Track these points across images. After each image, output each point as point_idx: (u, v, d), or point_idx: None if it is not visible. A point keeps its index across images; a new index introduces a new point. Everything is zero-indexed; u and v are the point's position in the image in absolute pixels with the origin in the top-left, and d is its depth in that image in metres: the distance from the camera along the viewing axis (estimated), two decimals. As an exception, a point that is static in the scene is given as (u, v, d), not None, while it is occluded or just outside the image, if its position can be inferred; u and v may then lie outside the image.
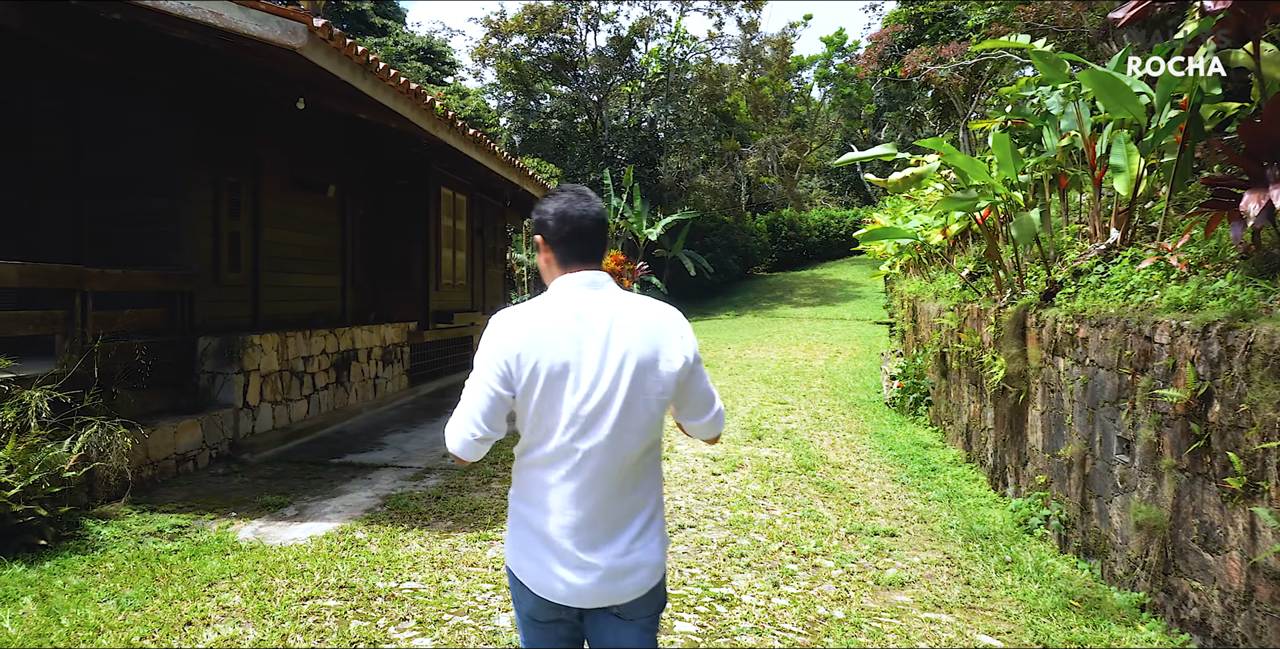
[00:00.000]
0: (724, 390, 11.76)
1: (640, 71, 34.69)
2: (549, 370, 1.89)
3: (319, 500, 5.77)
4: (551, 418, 1.91)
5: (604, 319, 1.95)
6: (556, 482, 1.94)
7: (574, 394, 1.90)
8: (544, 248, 2.06)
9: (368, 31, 34.58)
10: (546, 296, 2.00)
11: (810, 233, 36.42)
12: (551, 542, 1.95)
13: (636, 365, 1.93)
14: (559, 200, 2.06)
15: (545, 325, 1.93)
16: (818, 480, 6.63)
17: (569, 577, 1.93)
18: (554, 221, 2.03)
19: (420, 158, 10.95)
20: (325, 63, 5.31)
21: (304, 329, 8.41)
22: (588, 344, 1.92)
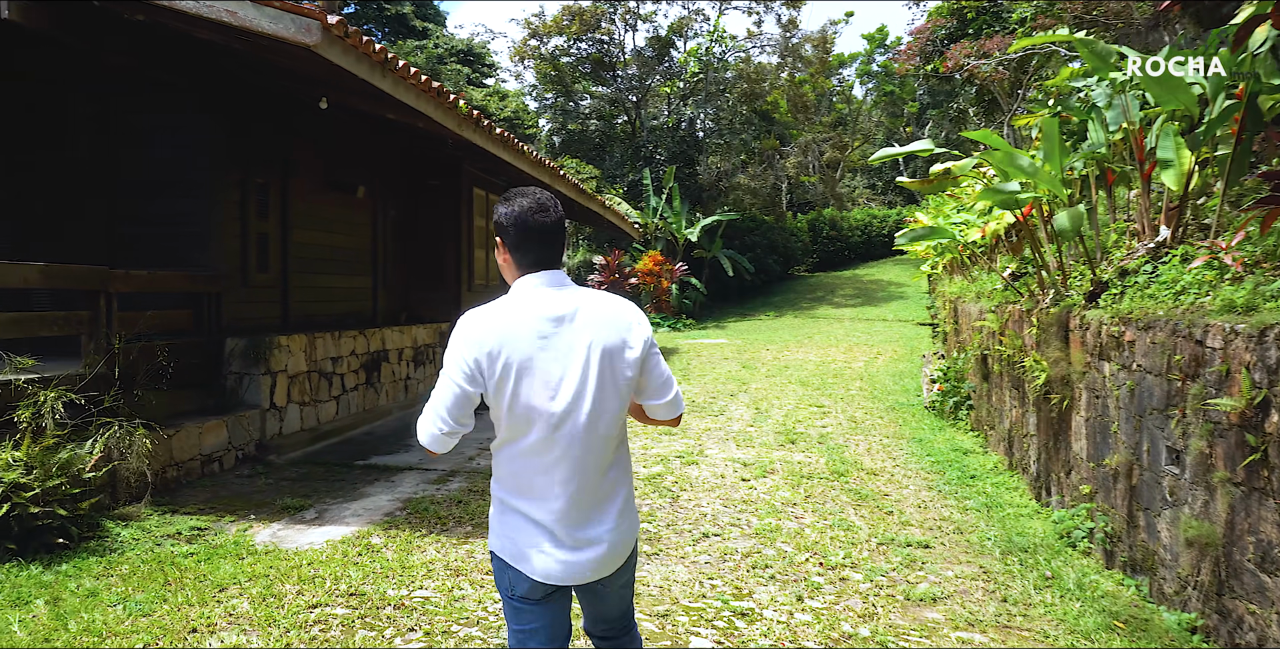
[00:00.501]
0: (759, 393, 11.55)
1: (679, 71, 34.51)
2: (520, 366, 1.99)
3: (339, 503, 5.71)
4: (529, 411, 2.01)
5: (569, 314, 2.05)
6: (542, 470, 2.05)
7: (549, 387, 2.01)
8: (503, 250, 2.15)
9: (408, 35, 34.89)
10: (512, 296, 2.09)
11: (852, 232, 35.92)
12: (544, 526, 2.06)
13: (604, 354, 2.05)
14: (515, 206, 2.12)
15: (513, 323, 2.01)
16: (851, 487, 6.41)
17: (563, 557, 2.05)
18: (513, 228, 2.11)
19: (452, 158, 10.92)
20: (342, 61, 5.24)
21: (334, 330, 8.40)
22: (556, 339, 2.02)
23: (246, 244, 7.43)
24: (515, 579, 2.10)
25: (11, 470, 4.53)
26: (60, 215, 7.31)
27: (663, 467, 7.01)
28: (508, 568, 2.11)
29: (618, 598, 2.28)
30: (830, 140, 36.69)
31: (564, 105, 36.46)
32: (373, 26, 36.32)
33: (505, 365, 1.98)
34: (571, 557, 2.06)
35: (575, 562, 2.07)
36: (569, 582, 2.09)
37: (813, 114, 38.58)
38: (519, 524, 2.08)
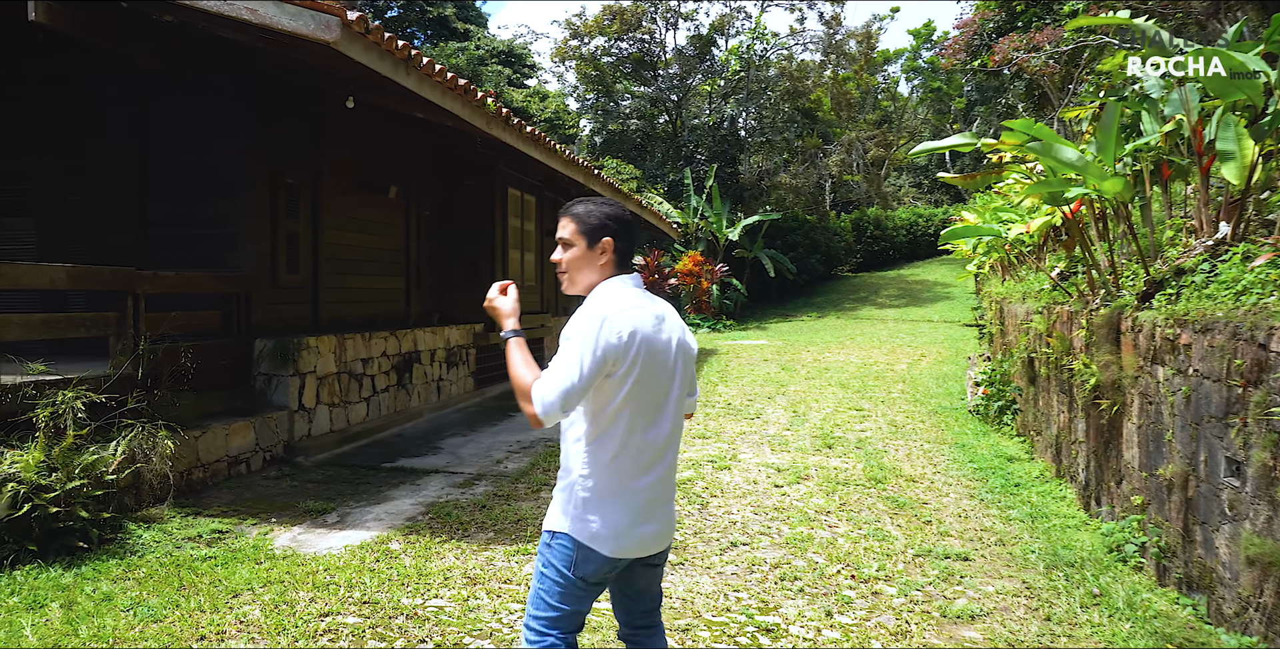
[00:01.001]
0: (797, 396, 11.31)
1: (720, 69, 34.25)
2: (645, 360, 2.21)
3: (362, 507, 5.63)
4: (648, 397, 2.24)
5: (663, 314, 2.33)
6: (647, 453, 2.25)
7: (660, 378, 2.27)
8: (609, 250, 2.32)
9: (450, 37, 35.12)
10: (624, 294, 2.28)
11: (897, 232, 35.32)
12: (634, 506, 2.24)
13: (682, 351, 2.35)
14: (615, 207, 2.37)
15: (640, 320, 2.22)
16: (888, 495, 6.18)
17: (642, 533, 2.26)
18: (621, 228, 2.34)
19: (486, 158, 10.85)
20: (363, 58, 5.16)
21: (366, 331, 8.37)
22: (663, 335, 2.28)
23: (276, 245, 7.42)
24: (584, 559, 2.23)
25: (33, 472, 4.51)
26: (95, 217, 7.37)
27: (694, 471, 6.83)
28: (582, 548, 2.23)
29: (657, 575, 2.48)
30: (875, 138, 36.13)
31: (605, 105, 36.40)
32: (415, 29, 36.61)
33: (636, 354, 2.20)
34: (648, 533, 2.28)
35: (649, 538, 2.28)
36: (641, 553, 2.29)
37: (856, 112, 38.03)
38: (610, 506, 2.23)
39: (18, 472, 4.47)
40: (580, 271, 2.34)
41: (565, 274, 2.38)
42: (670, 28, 35.07)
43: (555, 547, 2.28)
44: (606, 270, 2.33)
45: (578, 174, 10.24)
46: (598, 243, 2.31)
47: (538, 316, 13.03)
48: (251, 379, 6.91)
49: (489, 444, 7.86)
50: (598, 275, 2.33)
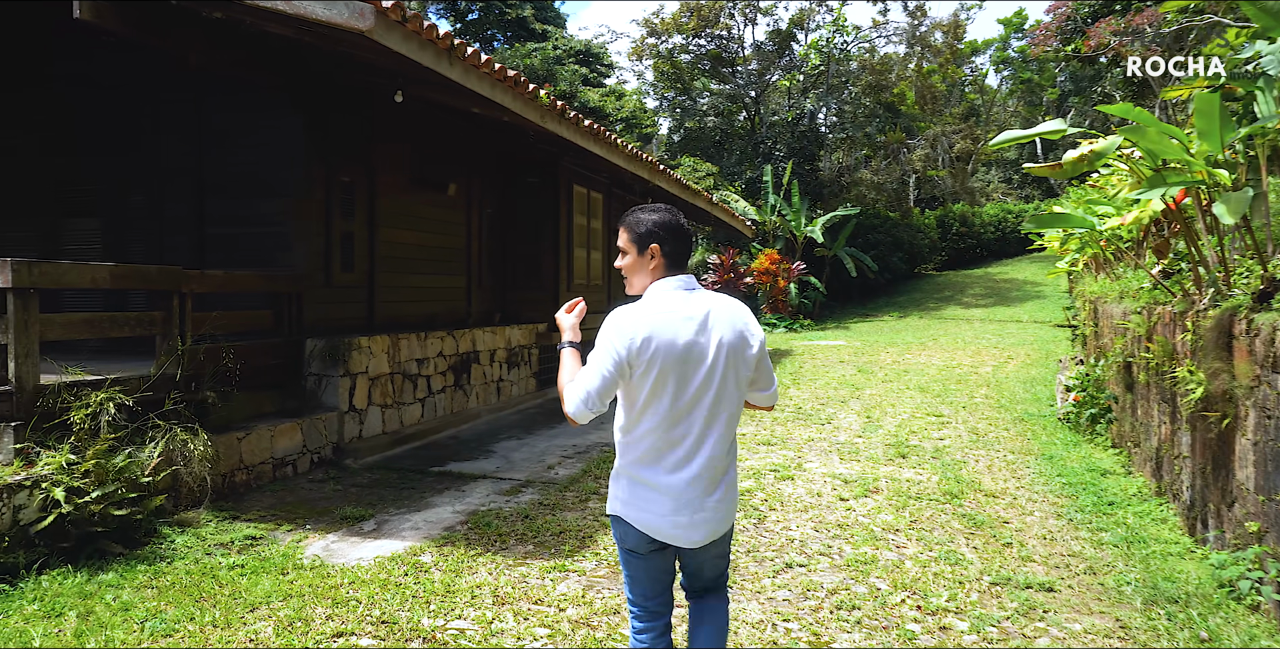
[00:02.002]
0: (872, 400, 10.75)
1: (799, 64, 33.49)
2: (665, 358, 2.34)
3: (401, 514, 5.42)
4: (669, 396, 2.37)
5: (703, 315, 2.42)
6: (675, 446, 2.41)
7: (687, 376, 2.38)
8: (656, 255, 2.48)
9: (529, 38, 35.28)
10: (657, 297, 2.43)
11: (985, 229, 33.95)
12: (671, 494, 2.41)
13: (730, 350, 2.42)
14: (663, 214, 2.51)
15: (660, 321, 2.36)
16: (965, 512, 5.66)
17: (682, 521, 2.41)
18: (667, 234, 2.48)
19: (550, 154, 10.64)
20: (402, 47, 4.94)
21: (424, 330, 8.24)
22: (695, 336, 2.38)
23: (330, 243, 7.32)
24: (624, 533, 2.49)
25: (65, 475, 4.43)
26: (156, 217, 7.40)
27: (754, 481, 6.43)
28: (624, 523, 2.49)
29: (712, 565, 2.64)
30: (961, 132, 34.80)
31: (682, 103, 36.04)
32: (495, 31, 36.92)
33: (651, 357, 2.33)
34: (688, 521, 2.43)
35: (690, 526, 2.43)
36: (680, 543, 2.45)
37: (942, 105, 36.72)
38: (647, 494, 2.43)
39: (50, 474, 4.39)
40: (635, 276, 2.54)
41: (627, 279, 2.59)
42: (749, 23, 34.50)
43: (611, 523, 2.58)
44: (656, 274, 2.50)
45: (641, 170, 9.92)
46: (647, 249, 2.49)
47: (603, 316, 12.77)
48: (303, 379, 6.81)
49: (543, 448, 7.61)
50: (649, 279, 2.51)
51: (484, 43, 36.92)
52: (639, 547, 2.49)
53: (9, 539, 4.22)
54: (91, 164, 7.64)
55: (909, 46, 34.04)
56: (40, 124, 7.79)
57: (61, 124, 7.73)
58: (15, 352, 4.63)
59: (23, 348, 4.65)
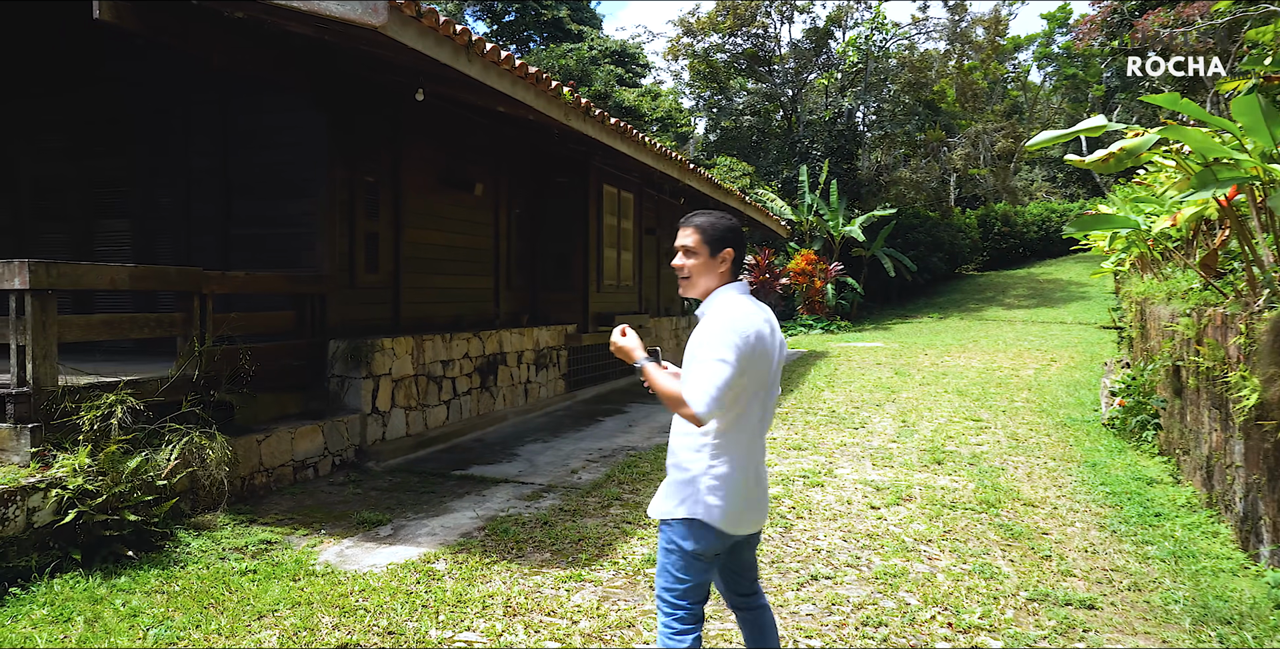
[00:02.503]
0: (908, 403, 10.48)
1: (837, 62, 33.09)
2: (762, 358, 2.52)
3: (419, 520, 5.33)
4: (759, 393, 2.56)
5: (769, 319, 2.61)
6: (753, 442, 2.60)
7: (769, 373, 2.58)
8: (728, 260, 2.64)
9: (564, 38, 35.29)
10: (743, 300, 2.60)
11: (1028, 228, 33.25)
12: (749, 489, 2.58)
13: (781, 351, 2.65)
14: (730, 220, 2.66)
15: (760, 325, 2.53)
16: (1002, 522, 5.43)
17: (754, 513, 2.62)
18: (739, 240, 2.65)
19: (579, 154, 10.54)
20: (418, 44, 4.85)
21: (451, 332, 8.17)
22: (772, 339, 2.58)
23: (354, 244, 7.27)
24: (707, 538, 2.54)
25: (80, 477, 4.40)
26: (183, 218, 7.42)
27: (782, 488, 6.25)
28: (708, 529, 2.54)
29: (755, 547, 2.85)
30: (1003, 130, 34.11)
31: (718, 102, 35.81)
32: (531, 32, 37.01)
33: (757, 357, 2.50)
34: (758, 513, 2.66)
35: (757, 511, 2.65)
36: (750, 531, 2.65)
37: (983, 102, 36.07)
38: (733, 490, 2.54)
39: (63, 476, 4.36)
40: (701, 277, 2.65)
41: (687, 279, 2.67)
42: (785, 21, 34.20)
43: (675, 525, 2.58)
44: (724, 278, 2.65)
45: (671, 168, 9.78)
46: (719, 253, 2.63)
47: (635, 317, 12.64)
48: (326, 381, 6.77)
49: (568, 452, 7.49)
50: (716, 282, 2.65)
51: (520, 44, 37.04)
52: (713, 549, 2.58)
53: (23, 542, 4.20)
54: (122, 165, 7.69)
55: (949, 43, 33.49)
56: (73, 126, 7.85)
57: (94, 126, 7.79)
58: (33, 353, 4.61)
59: (40, 349, 4.64)
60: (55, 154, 7.92)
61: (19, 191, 8.07)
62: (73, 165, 7.84)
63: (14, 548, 4.16)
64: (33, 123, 8.00)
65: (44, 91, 7.88)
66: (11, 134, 8.08)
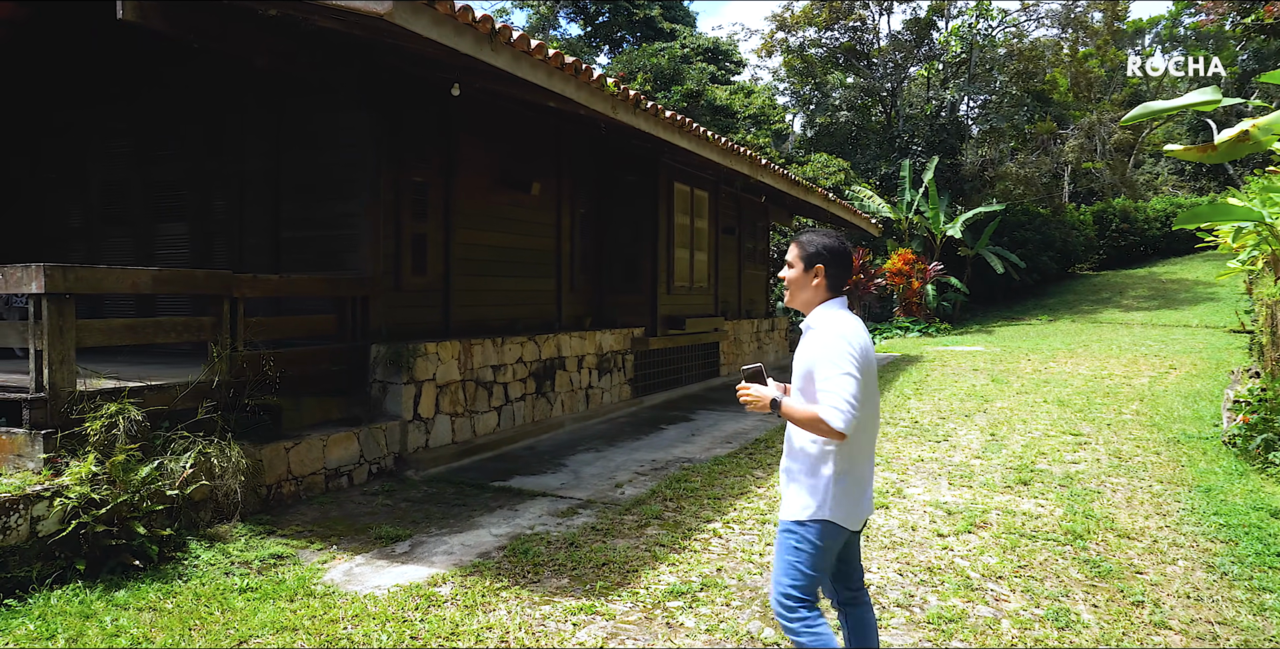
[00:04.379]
0: (1000, 414, 9.68)
1: (939, 53, 31.69)
2: (870, 366, 2.72)
3: (440, 536, 5.05)
4: (872, 398, 2.77)
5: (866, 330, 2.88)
6: (869, 444, 2.83)
7: (875, 382, 2.80)
8: (821, 275, 2.80)
9: (656, 37, 35.03)
10: (845, 316, 2.77)
11: (1149, 225, 31.01)
12: (866, 487, 2.83)
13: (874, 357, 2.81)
14: (830, 239, 2.83)
15: (864, 334, 2.74)
16: (1088, 556, 4.77)
17: (868, 506, 2.86)
18: (833, 257, 2.80)
19: (647, 151, 10.16)
20: (433, 33, 4.57)
21: (506, 335, 7.93)
22: (871, 346, 2.76)
23: (400, 246, 7.09)
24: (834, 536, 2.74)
25: (87, 486, 4.29)
26: (237, 220, 7.41)
27: (840, 509, 5.70)
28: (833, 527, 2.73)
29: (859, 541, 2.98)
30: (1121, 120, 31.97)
31: (813, 98, 34.86)
32: (624, 32, 36.89)
33: (869, 364, 2.68)
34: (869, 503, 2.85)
35: (869, 506, 2.86)
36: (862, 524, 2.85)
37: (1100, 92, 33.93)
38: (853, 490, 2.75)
39: (69, 484, 4.26)
40: (798, 289, 2.85)
41: (788, 290, 2.89)
42: (884, 13, 33.01)
43: (810, 526, 2.74)
44: (820, 292, 2.82)
45: (740, 165, 9.28)
46: (812, 268, 2.80)
47: (709, 320, 12.18)
48: (367, 387, 6.60)
49: (619, 463, 7.11)
50: (811, 295, 2.83)
51: (613, 45, 36.97)
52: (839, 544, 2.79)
53: (25, 551, 4.10)
54: (181, 169, 7.76)
55: (1062, 29, 31.62)
56: (138, 131, 7.98)
57: (156, 131, 7.89)
58: (50, 358, 4.54)
59: (57, 354, 4.56)
60: (122, 159, 8.06)
61: (90, 196, 8.27)
62: (136, 170, 7.97)
63: (15, 557, 4.06)
64: (104, 129, 8.17)
65: (114, 97, 8.03)
66: (86, 139, 8.28)
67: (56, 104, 8.40)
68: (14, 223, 8.75)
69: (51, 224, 8.58)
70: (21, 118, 8.66)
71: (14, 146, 8.77)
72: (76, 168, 8.36)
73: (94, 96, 8.14)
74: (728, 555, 4.77)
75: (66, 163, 8.44)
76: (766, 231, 16.58)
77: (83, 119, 8.25)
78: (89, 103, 8.18)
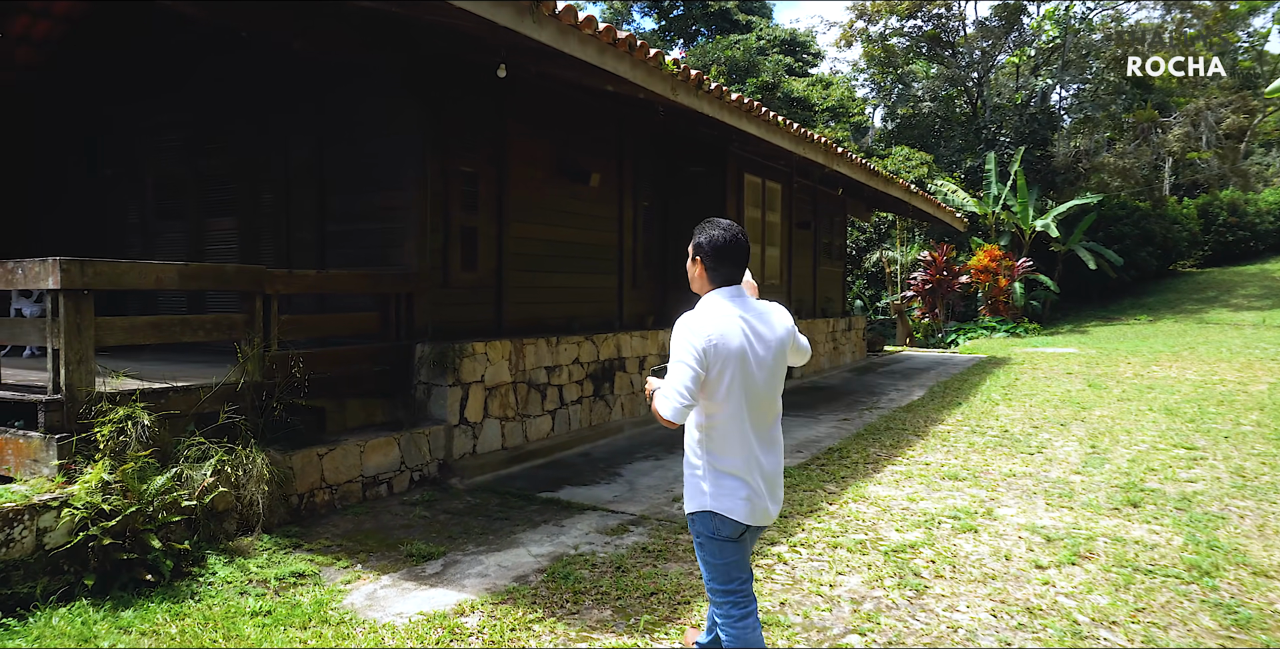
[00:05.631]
0: (1100, 424, 8.83)
1: (1030, 39, 30.15)
2: (730, 356, 2.65)
3: (476, 555, 4.62)
4: (736, 391, 2.67)
5: (759, 320, 2.76)
6: (749, 435, 2.72)
7: (748, 373, 2.68)
8: (699, 266, 2.82)
9: (732, 29, 34.36)
10: (716, 304, 2.75)
11: (1260, 218, 28.95)
12: (751, 479, 2.72)
13: (778, 348, 2.78)
14: (716, 230, 2.80)
15: (724, 324, 2.67)
16: (1220, 599, 4.07)
17: (759, 504, 2.74)
18: (711, 249, 2.78)
19: (715, 140, 9.62)
20: (467, 3, 4.14)
21: (562, 334, 7.52)
22: (751, 337, 2.71)
23: (448, 240, 6.72)
24: (721, 525, 2.73)
25: (97, 495, 4.00)
26: (283, 214, 7.17)
27: (923, 533, 5.09)
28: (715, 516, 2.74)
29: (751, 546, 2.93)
30: (1231, 105, 29.82)
31: (894, 90, 33.67)
32: (700, 26, 36.30)
33: (724, 356, 2.64)
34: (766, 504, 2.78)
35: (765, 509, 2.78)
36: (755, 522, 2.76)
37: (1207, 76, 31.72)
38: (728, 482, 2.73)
39: (78, 493, 3.97)
40: (691, 279, 2.88)
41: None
42: (970, -2, 31.54)
43: (696, 519, 2.80)
44: (703, 283, 2.83)
45: (815, 153, 8.65)
46: (694, 258, 2.83)
47: (782, 319, 11.55)
48: (411, 389, 6.25)
49: (678, 473, 6.55)
50: (699, 285, 2.86)
51: (687, 38, 36.42)
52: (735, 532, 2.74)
53: (30, 565, 3.83)
54: (229, 163, 7.57)
55: (1166, 10, 29.66)
56: (187, 124, 7.83)
57: (204, 123, 7.73)
58: (66, 357, 4.28)
59: (74, 353, 4.30)
60: (172, 152, 7.93)
61: (144, 190, 8.16)
62: (187, 163, 7.81)
63: (19, 572, 3.80)
64: (153, 122, 8.05)
65: (161, 89, 7.90)
66: (137, 133, 8.18)
67: (108, 99, 8.34)
68: (80, 219, 8.74)
69: (112, 220, 8.53)
70: (79, 115, 8.64)
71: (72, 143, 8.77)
72: (131, 163, 8.28)
73: (143, 90, 8.04)
74: (793, 586, 4.23)
75: (122, 159, 8.37)
76: (844, 226, 15.84)
77: (133, 113, 8.16)
78: (139, 96, 8.08)
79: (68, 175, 8.87)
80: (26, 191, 9.31)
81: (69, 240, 8.67)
